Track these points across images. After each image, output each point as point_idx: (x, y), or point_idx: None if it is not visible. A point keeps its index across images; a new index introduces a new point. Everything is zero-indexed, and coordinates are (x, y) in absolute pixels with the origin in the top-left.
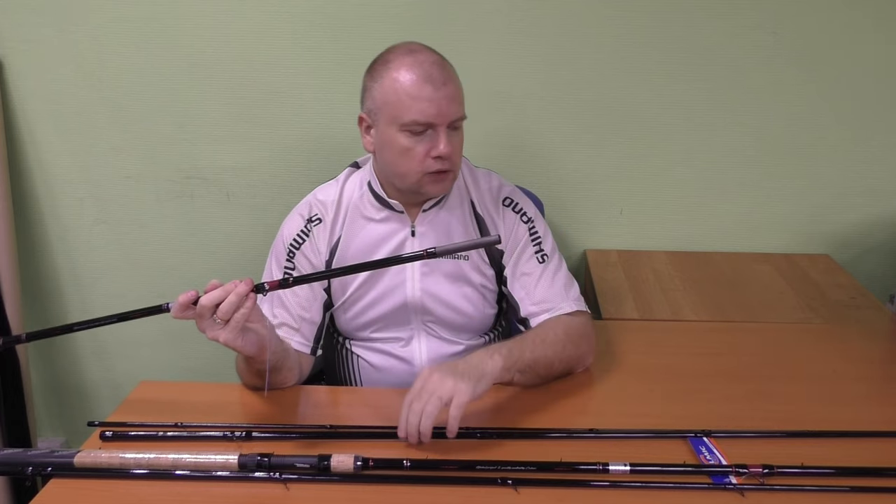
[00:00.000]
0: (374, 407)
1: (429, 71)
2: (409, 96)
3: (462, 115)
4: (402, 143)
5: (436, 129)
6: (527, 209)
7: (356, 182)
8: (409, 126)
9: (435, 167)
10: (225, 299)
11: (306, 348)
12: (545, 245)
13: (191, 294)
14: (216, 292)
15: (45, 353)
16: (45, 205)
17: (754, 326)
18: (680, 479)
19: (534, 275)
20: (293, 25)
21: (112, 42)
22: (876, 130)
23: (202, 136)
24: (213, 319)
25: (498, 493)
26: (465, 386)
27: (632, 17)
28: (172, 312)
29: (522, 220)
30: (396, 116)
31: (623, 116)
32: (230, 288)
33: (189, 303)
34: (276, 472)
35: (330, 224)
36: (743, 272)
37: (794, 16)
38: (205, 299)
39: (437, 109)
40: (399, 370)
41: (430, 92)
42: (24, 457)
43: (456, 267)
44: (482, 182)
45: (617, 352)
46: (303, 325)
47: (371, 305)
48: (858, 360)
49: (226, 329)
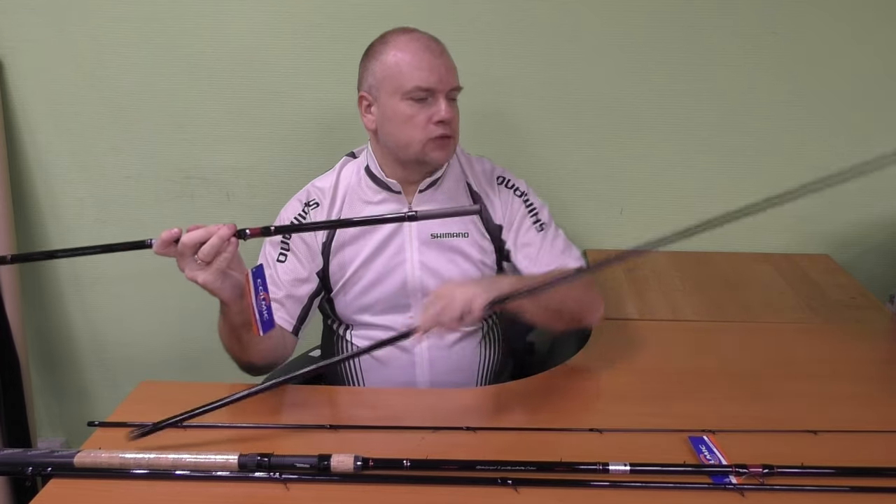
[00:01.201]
0: (375, 407)
1: (427, 43)
2: (410, 66)
3: (459, 86)
4: (405, 111)
5: (436, 95)
6: (519, 185)
7: (352, 169)
8: (411, 93)
9: (438, 132)
10: (207, 241)
11: (289, 325)
12: (542, 215)
13: (174, 231)
14: (198, 232)
15: (45, 352)
16: (45, 205)
17: (754, 326)
18: (680, 479)
19: (534, 244)
20: (293, 25)
21: (112, 42)
22: (876, 130)
23: (202, 136)
24: (193, 259)
25: (498, 493)
26: (481, 290)
27: (632, 17)
28: (155, 248)
29: (517, 195)
30: (399, 86)
31: (623, 116)
32: (213, 230)
33: (171, 240)
34: (276, 472)
35: (327, 208)
36: (743, 272)
37: (794, 16)
38: (186, 238)
39: (437, 76)
40: (400, 361)
41: (430, 59)
42: (24, 457)
43: (455, 244)
44: (476, 164)
45: (617, 352)
46: (288, 301)
47: (372, 286)
48: (858, 360)
49: (206, 270)
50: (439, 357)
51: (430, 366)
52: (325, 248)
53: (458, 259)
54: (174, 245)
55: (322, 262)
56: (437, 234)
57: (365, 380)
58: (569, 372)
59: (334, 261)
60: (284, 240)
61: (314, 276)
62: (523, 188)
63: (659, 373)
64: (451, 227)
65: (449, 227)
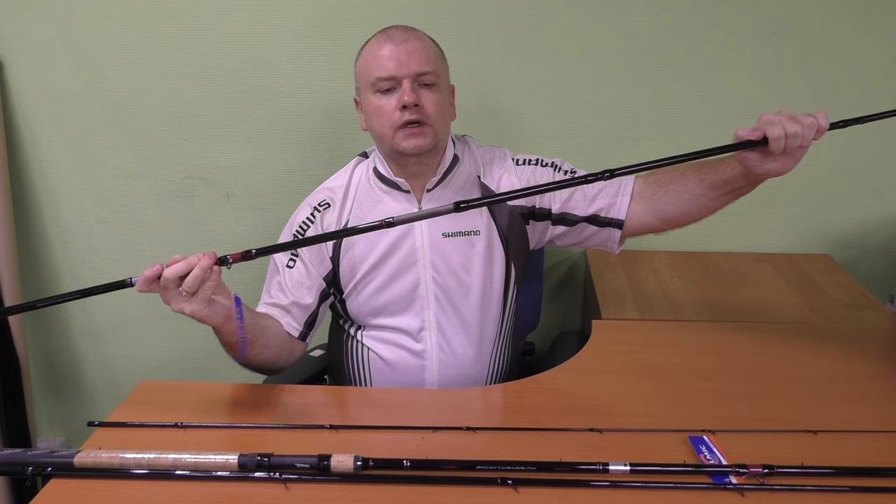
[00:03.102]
0: (375, 407)
1: (390, 33)
2: (373, 58)
3: (428, 70)
4: (374, 103)
5: (401, 82)
6: (533, 157)
7: (363, 169)
8: (376, 85)
9: (403, 119)
10: (189, 272)
11: (296, 332)
12: (565, 166)
13: (156, 268)
14: (179, 265)
15: (45, 353)
16: (45, 205)
17: (754, 326)
18: (680, 479)
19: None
20: (293, 25)
21: (112, 42)
22: (876, 130)
23: (202, 136)
24: (178, 292)
25: (498, 493)
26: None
27: (632, 17)
28: (137, 286)
29: (538, 166)
30: (367, 81)
31: (623, 116)
32: (193, 261)
33: (154, 277)
34: (276, 472)
35: (339, 208)
36: (743, 272)
37: (794, 16)
38: (168, 272)
39: (396, 62)
40: (410, 365)
41: (390, 48)
42: (24, 457)
43: (467, 242)
44: (486, 154)
45: (617, 352)
46: (294, 308)
47: (384, 286)
48: (858, 360)
49: (192, 301)
50: (448, 363)
51: (440, 372)
52: (336, 250)
53: (470, 257)
54: (157, 281)
55: (331, 266)
56: (448, 234)
57: (373, 383)
58: (569, 372)
59: (344, 262)
60: None
61: (321, 282)
62: (538, 157)
63: (659, 373)
64: (462, 226)
65: (460, 225)
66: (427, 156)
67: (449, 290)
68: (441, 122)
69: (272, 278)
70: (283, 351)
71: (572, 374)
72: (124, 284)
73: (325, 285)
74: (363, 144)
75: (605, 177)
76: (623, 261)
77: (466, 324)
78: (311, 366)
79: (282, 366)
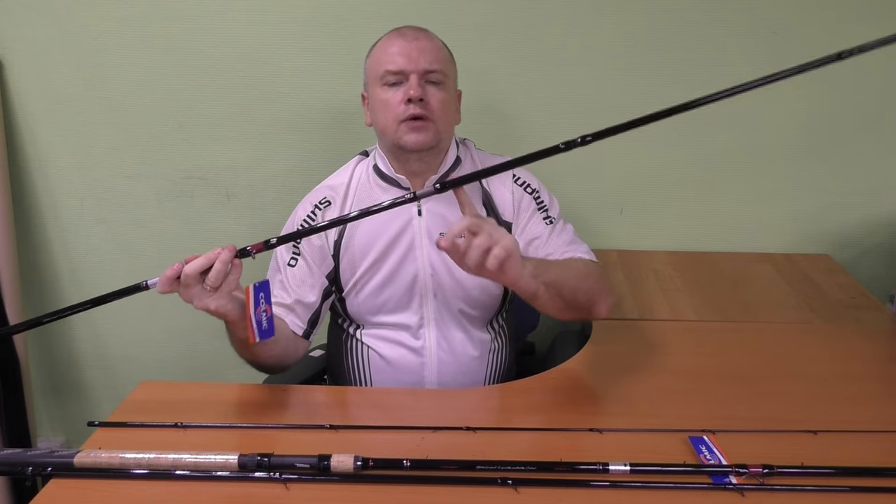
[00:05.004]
0: (375, 407)
1: (403, 31)
2: (382, 52)
3: (437, 68)
4: (381, 96)
5: (408, 77)
6: (531, 182)
7: (364, 167)
8: (384, 78)
9: (408, 112)
10: (211, 267)
11: (300, 330)
12: (551, 211)
13: (175, 267)
14: (199, 260)
15: (45, 353)
16: (45, 205)
17: (754, 326)
18: (680, 479)
19: (543, 236)
20: (293, 25)
21: (112, 42)
22: (876, 130)
23: (202, 136)
24: (200, 288)
25: (498, 493)
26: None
27: (631, 17)
28: (159, 287)
29: (527, 192)
30: (376, 74)
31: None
32: (213, 256)
33: (175, 276)
34: (276, 472)
35: (339, 205)
36: (743, 272)
37: (794, 16)
38: (189, 268)
39: (406, 58)
40: (409, 362)
41: (401, 44)
42: (24, 457)
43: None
44: (487, 160)
45: (617, 352)
46: (298, 306)
47: (384, 284)
48: (858, 360)
49: (216, 297)
50: (448, 361)
51: (439, 369)
52: (336, 248)
53: None
54: (177, 281)
55: (333, 263)
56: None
57: (373, 382)
58: (569, 372)
59: (345, 259)
60: (296, 244)
61: (324, 280)
62: (535, 185)
63: (659, 373)
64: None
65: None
66: (428, 153)
67: (447, 287)
68: (444, 121)
69: (274, 277)
70: (290, 349)
71: (572, 374)
72: (139, 288)
73: (328, 283)
74: (363, 144)
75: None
76: (623, 261)
77: (465, 321)
78: (311, 366)
79: (287, 364)
